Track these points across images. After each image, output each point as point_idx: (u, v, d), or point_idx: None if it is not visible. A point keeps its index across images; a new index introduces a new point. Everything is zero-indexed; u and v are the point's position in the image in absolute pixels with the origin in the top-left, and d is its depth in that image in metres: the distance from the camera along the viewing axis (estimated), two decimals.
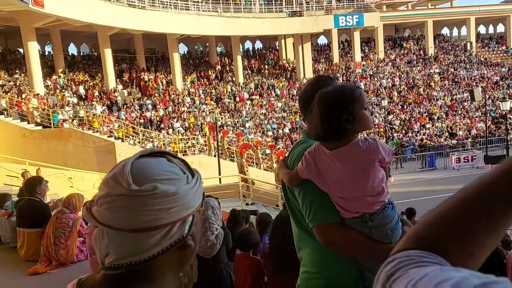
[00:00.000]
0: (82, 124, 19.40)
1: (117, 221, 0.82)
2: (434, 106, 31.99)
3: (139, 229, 0.82)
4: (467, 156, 24.53)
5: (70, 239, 5.17)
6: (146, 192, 0.82)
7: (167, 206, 0.83)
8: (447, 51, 40.93)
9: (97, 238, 0.87)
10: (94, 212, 0.85)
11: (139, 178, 0.83)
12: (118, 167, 0.86)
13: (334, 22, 33.58)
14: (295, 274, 3.54)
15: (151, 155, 0.89)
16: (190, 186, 0.87)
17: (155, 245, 0.83)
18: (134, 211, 0.81)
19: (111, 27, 24.31)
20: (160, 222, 0.83)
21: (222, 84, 31.47)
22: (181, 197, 0.85)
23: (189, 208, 0.87)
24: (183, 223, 0.86)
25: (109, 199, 0.83)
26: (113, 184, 0.84)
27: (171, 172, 0.86)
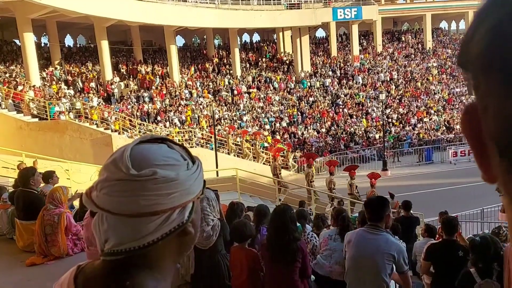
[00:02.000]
0: (79, 116, 19.33)
1: (116, 206, 0.81)
2: (431, 100, 32.02)
3: (138, 214, 0.81)
4: (464, 150, 24.60)
5: (58, 235, 5.13)
6: (145, 177, 0.81)
7: (166, 192, 0.82)
8: (445, 44, 40.90)
9: (96, 224, 0.87)
10: (94, 197, 0.84)
11: (139, 163, 0.82)
12: (117, 153, 0.85)
13: (333, 15, 33.43)
14: (292, 266, 3.57)
15: (151, 141, 0.88)
16: (190, 173, 0.86)
17: (155, 230, 0.82)
18: (133, 195, 0.81)
19: (107, 19, 24.12)
20: (159, 208, 0.82)
21: (220, 77, 31.36)
22: (181, 183, 0.84)
23: (189, 195, 0.86)
24: (183, 209, 0.85)
25: (108, 184, 0.82)
26: (112, 169, 0.83)
27: (171, 158, 0.86)
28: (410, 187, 17.54)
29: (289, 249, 3.45)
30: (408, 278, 3.29)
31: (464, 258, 4.43)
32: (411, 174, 21.94)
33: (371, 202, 3.31)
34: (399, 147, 26.27)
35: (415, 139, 26.99)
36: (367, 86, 32.83)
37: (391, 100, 31.45)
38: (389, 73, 34.51)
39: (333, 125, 28.49)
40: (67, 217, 5.14)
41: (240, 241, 3.72)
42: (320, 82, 32.70)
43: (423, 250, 5.47)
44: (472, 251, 3.15)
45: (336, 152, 25.08)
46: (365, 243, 3.23)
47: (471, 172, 21.83)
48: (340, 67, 34.83)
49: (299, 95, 31.05)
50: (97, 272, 0.86)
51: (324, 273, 4.36)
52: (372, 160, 24.54)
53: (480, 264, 2.92)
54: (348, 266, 3.34)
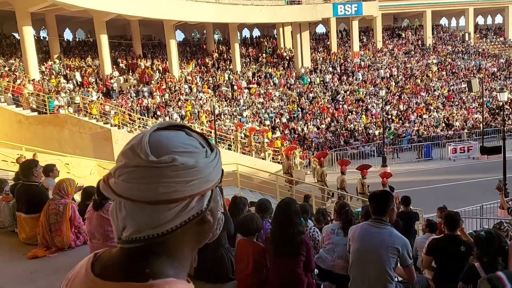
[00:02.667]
0: (78, 110, 19.29)
1: (134, 193, 0.80)
2: (431, 96, 32.02)
3: (157, 201, 0.80)
4: (463, 146, 24.66)
5: (64, 225, 5.13)
6: (164, 164, 0.80)
7: (186, 179, 0.81)
8: (445, 41, 40.87)
9: (114, 211, 0.86)
10: (111, 184, 0.83)
11: (157, 149, 0.81)
12: (136, 139, 0.84)
13: (333, 10, 33.37)
14: (296, 259, 3.57)
15: (169, 128, 0.87)
16: (209, 160, 0.85)
17: (173, 218, 0.81)
18: (152, 182, 0.79)
19: (107, 13, 24.03)
20: (178, 195, 0.81)
21: (220, 72, 31.30)
22: (200, 170, 0.83)
23: (208, 182, 0.85)
24: (201, 197, 0.84)
25: (126, 170, 0.81)
26: (130, 155, 0.82)
27: (190, 145, 0.84)
28: (409, 183, 17.56)
29: (293, 242, 3.46)
30: (412, 271, 3.30)
31: (466, 253, 4.44)
32: (411, 170, 21.97)
33: (375, 196, 3.31)
34: (398, 144, 26.29)
35: (415, 136, 27.01)
36: (367, 83, 32.81)
37: (391, 96, 31.45)
38: (389, 70, 34.49)
39: (333, 121, 28.49)
40: (72, 208, 5.14)
41: (247, 234, 3.73)
42: (320, 78, 32.68)
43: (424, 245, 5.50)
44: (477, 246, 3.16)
45: (336, 148, 25.09)
46: (369, 236, 3.24)
47: (470, 168, 21.93)
48: (340, 63, 34.79)
49: (299, 91, 31.03)
50: (115, 260, 0.85)
51: (326, 267, 4.37)
52: (372, 156, 24.56)
53: (485, 259, 2.93)
54: (353, 259, 3.35)
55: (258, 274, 3.66)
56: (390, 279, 3.15)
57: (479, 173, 20.09)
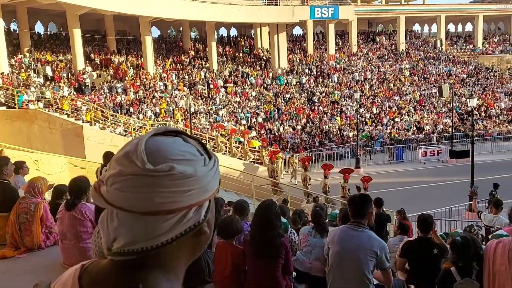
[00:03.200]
0: (48, 105, 18.76)
1: (129, 202, 0.76)
2: (403, 100, 32.72)
3: (153, 212, 0.76)
4: (433, 150, 25.30)
5: (34, 225, 4.97)
6: (161, 172, 0.75)
7: (184, 189, 0.77)
8: (418, 47, 41.86)
9: (104, 221, 0.81)
10: (103, 192, 0.78)
11: (154, 157, 0.76)
12: (130, 145, 0.79)
13: (310, 13, 33.68)
14: (275, 262, 3.56)
15: (165, 133, 0.82)
16: (207, 169, 0.81)
17: (169, 230, 0.77)
18: (148, 192, 0.75)
19: (80, 6, 23.44)
20: (175, 206, 0.76)
21: (196, 70, 31.06)
22: (199, 179, 0.79)
23: (206, 192, 0.81)
24: (199, 207, 0.80)
25: (121, 179, 0.76)
26: (125, 163, 0.77)
27: (188, 152, 0.80)
28: (381, 185, 17.84)
29: (273, 245, 3.45)
30: (389, 274, 3.35)
31: (439, 256, 4.55)
32: (383, 172, 22.38)
33: (354, 200, 3.34)
34: (371, 146, 26.75)
35: (387, 138, 27.54)
36: (342, 85, 33.25)
37: (365, 99, 31.97)
38: (363, 73, 35.05)
39: (308, 122, 28.73)
40: (43, 207, 4.98)
41: (227, 237, 3.68)
42: (296, 79, 32.90)
43: (396, 247, 5.60)
44: (452, 251, 3.23)
45: (311, 149, 25.31)
46: (348, 239, 3.26)
47: (439, 171, 22.53)
48: (316, 65, 35.13)
49: (275, 91, 31.15)
50: (105, 273, 0.80)
51: (303, 269, 4.38)
52: (345, 157, 24.90)
53: (460, 263, 2.99)
54: (332, 262, 3.36)
55: (237, 277, 3.63)
56: (368, 282, 3.19)
57: (448, 176, 20.66)
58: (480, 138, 27.31)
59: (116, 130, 19.49)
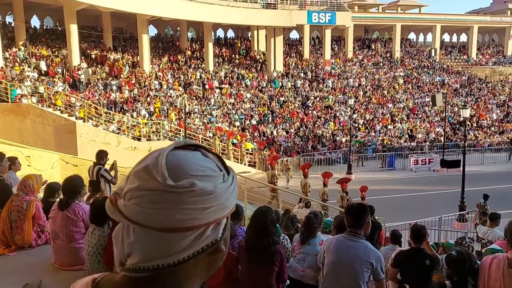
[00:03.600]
0: (41, 100, 18.60)
1: (148, 218, 0.74)
2: (396, 108, 32.92)
3: (173, 229, 0.74)
4: (425, 158, 25.47)
5: (26, 223, 4.92)
6: (183, 189, 0.74)
7: (203, 206, 0.75)
8: (412, 55, 42.17)
9: (119, 235, 0.79)
10: (120, 206, 0.76)
11: (175, 172, 0.75)
12: (150, 158, 0.78)
13: (307, 17, 33.81)
14: (270, 269, 3.56)
15: (185, 147, 0.81)
16: (227, 185, 0.80)
17: (187, 248, 0.76)
18: (168, 208, 0.73)
19: (78, 2, 23.32)
20: (195, 223, 0.75)
21: (192, 70, 31.00)
22: (218, 196, 0.77)
23: (224, 209, 0.79)
24: (217, 225, 0.79)
25: (140, 194, 0.75)
26: (145, 177, 0.75)
27: (208, 168, 0.79)
28: (372, 192, 17.88)
29: (268, 251, 3.44)
30: (383, 286, 3.36)
31: (431, 267, 4.57)
32: (374, 179, 22.47)
33: (352, 209, 3.34)
34: (363, 152, 26.85)
35: (379, 145, 27.68)
36: (336, 90, 33.38)
37: (359, 105, 32.11)
38: (358, 79, 35.23)
39: (302, 126, 28.78)
40: (36, 206, 4.92)
41: None
42: (291, 83, 32.97)
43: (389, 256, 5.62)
44: (448, 265, 3.24)
45: (304, 153, 25.35)
46: (344, 249, 3.27)
47: (430, 180, 22.67)
48: (311, 70, 35.23)
49: (270, 94, 31.18)
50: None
51: (296, 277, 4.38)
52: (338, 163, 24.97)
53: (455, 278, 3.01)
54: (327, 271, 3.37)
55: (230, 283, 3.62)
56: None
57: (438, 185, 20.80)
58: (471, 148, 27.55)
59: (110, 128, 19.37)
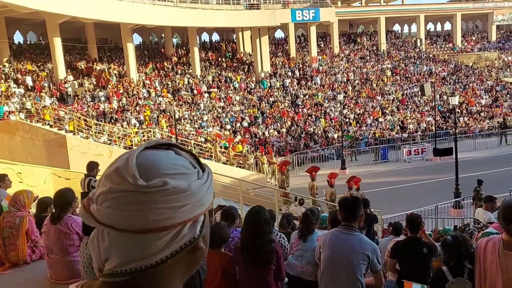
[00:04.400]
0: (30, 116, 18.44)
1: (121, 221, 0.73)
2: (386, 100, 33.07)
3: (147, 229, 0.73)
4: (417, 148, 25.60)
5: (19, 239, 4.86)
6: (154, 188, 0.73)
7: (178, 204, 0.74)
8: (398, 47, 42.42)
9: (94, 241, 0.77)
10: (93, 211, 0.75)
11: (146, 172, 0.74)
12: (120, 160, 0.77)
13: (291, 16, 33.86)
14: (266, 268, 3.54)
15: (156, 147, 0.80)
16: (201, 182, 0.79)
17: (164, 248, 0.74)
18: (141, 209, 0.72)
19: (60, 15, 23.13)
20: (170, 222, 0.74)
21: (179, 76, 30.92)
22: (193, 193, 0.76)
23: (201, 206, 0.78)
24: (194, 223, 0.78)
25: (112, 196, 0.73)
26: (116, 179, 0.74)
27: (181, 166, 0.78)
28: (367, 185, 17.96)
29: (263, 251, 3.42)
30: (381, 277, 3.35)
31: (428, 255, 4.58)
32: (368, 172, 22.53)
33: (346, 202, 3.33)
34: (356, 146, 26.93)
35: (371, 139, 27.78)
36: (325, 87, 33.47)
37: (348, 100, 32.22)
38: (346, 74, 35.35)
39: (293, 125, 28.81)
40: (29, 221, 4.87)
41: (213, 246, 3.64)
42: (280, 83, 33.00)
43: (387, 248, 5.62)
44: (444, 250, 3.25)
45: (297, 151, 25.37)
46: (340, 243, 3.25)
47: (424, 169, 22.79)
48: (299, 68, 35.29)
49: (259, 95, 31.18)
50: None
51: (295, 274, 4.36)
52: (331, 159, 25.02)
53: (452, 263, 3.01)
54: (324, 266, 3.35)
55: (228, 284, 3.59)
56: (360, 285, 3.18)
57: (432, 174, 20.92)
58: (463, 135, 27.75)
59: (100, 139, 19.25)
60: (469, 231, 5.53)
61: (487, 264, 2.32)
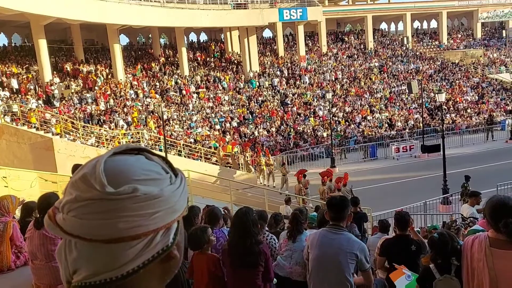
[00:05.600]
0: (15, 119, 18.17)
1: (89, 231, 0.69)
2: (374, 98, 33.26)
3: (117, 239, 0.69)
4: (406, 146, 25.78)
5: (3, 245, 4.77)
6: (124, 195, 0.69)
7: (149, 211, 0.71)
8: (386, 45, 42.68)
9: (61, 252, 0.74)
10: (59, 221, 0.71)
11: (115, 178, 0.70)
12: (88, 167, 0.73)
13: (279, 15, 33.89)
14: (255, 270, 3.51)
15: (126, 152, 0.76)
16: (174, 187, 0.76)
17: (135, 257, 0.71)
18: (110, 217, 0.69)
19: (45, 16, 22.82)
20: (141, 230, 0.70)
21: (167, 77, 30.74)
22: (165, 200, 0.73)
23: (174, 213, 0.75)
24: (167, 230, 0.75)
25: (78, 205, 0.70)
26: (82, 187, 0.70)
27: (152, 171, 0.74)
28: (357, 183, 18.05)
29: (251, 253, 3.39)
30: (370, 275, 3.34)
31: (417, 252, 4.59)
32: (358, 170, 22.63)
33: (334, 202, 3.31)
34: (345, 145, 27.04)
35: (360, 136, 27.91)
36: (314, 86, 33.55)
37: (337, 99, 32.33)
38: (334, 73, 35.47)
39: (282, 124, 28.83)
40: (13, 227, 4.77)
41: (195, 248, 3.59)
42: (268, 82, 32.99)
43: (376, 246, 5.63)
44: (431, 248, 3.25)
45: (286, 150, 25.39)
46: (328, 243, 3.24)
47: (413, 166, 22.95)
48: (287, 67, 35.32)
49: (248, 95, 31.14)
50: None
51: (284, 274, 4.33)
52: (321, 157, 25.08)
53: (439, 260, 3.01)
54: (312, 266, 3.33)
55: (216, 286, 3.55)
56: (349, 284, 3.17)
57: (421, 171, 21.08)
58: (450, 132, 28.02)
59: (88, 141, 19.05)
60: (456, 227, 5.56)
61: (474, 262, 2.31)
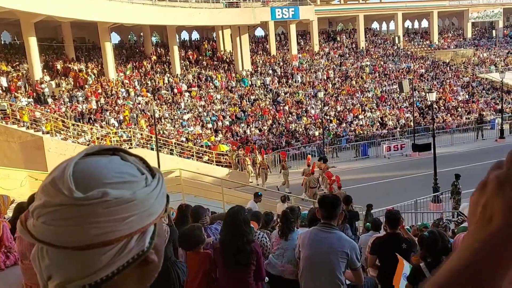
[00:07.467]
0: (5, 118, 18.00)
1: (58, 237, 0.67)
2: (365, 97, 33.40)
3: (88, 245, 0.67)
4: (397, 144, 25.93)
5: None
6: (93, 200, 0.67)
7: (122, 216, 0.68)
8: (377, 44, 42.88)
9: (35, 258, 0.72)
10: (30, 227, 0.69)
11: (85, 182, 0.68)
12: (57, 170, 0.70)
13: (271, 14, 33.88)
14: (246, 269, 3.51)
15: (100, 153, 0.74)
16: (150, 189, 0.73)
17: (109, 263, 0.68)
18: (79, 224, 0.66)
19: (35, 14, 22.58)
20: (113, 236, 0.68)
21: (159, 75, 30.60)
22: (139, 203, 0.70)
23: (150, 216, 0.72)
24: (142, 234, 0.72)
25: (47, 210, 0.67)
26: (51, 192, 0.68)
27: (126, 173, 0.72)
28: (348, 182, 18.13)
29: (243, 252, 3.39)
30: (360, 274, 3.36)
31: (408, 251, 4.63)
32: (349, 168, 22.72)
33: (326, 201, 3.32)
34: (337, 143, 27.12)
35: (352, 135, 28.01)
36: (306, 85, 33.61)
37: (329, 98, 32.42)
38: (326, 72, 35.56)
39: (274, 123, 28.85)
40: (4, 227, 4.73)
41: (189, 249, 3.58)
42: (260, 81, 32.99)
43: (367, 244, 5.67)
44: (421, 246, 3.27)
45: (278, 149, 25.41)
46: (319, 242, 3.25)
47: (404, 165, 23.10)
48: (279, 66, 35.34)
49: (240, 94, 31.11)
50: None
51: (276, 273, 4.34)
52: (313, 156, 25.10)
53: (429, 259, 3.03)
54: (303, 265, 3.34)
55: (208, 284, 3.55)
56: (340, 283, 3.19)
57: (412, 169, 21.22)
58: (441, 131, 28.22)
59: (79, 140, 18.92)
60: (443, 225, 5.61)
61: None
